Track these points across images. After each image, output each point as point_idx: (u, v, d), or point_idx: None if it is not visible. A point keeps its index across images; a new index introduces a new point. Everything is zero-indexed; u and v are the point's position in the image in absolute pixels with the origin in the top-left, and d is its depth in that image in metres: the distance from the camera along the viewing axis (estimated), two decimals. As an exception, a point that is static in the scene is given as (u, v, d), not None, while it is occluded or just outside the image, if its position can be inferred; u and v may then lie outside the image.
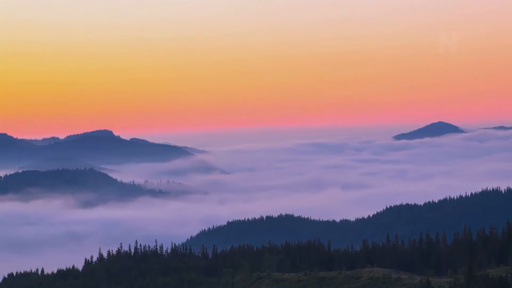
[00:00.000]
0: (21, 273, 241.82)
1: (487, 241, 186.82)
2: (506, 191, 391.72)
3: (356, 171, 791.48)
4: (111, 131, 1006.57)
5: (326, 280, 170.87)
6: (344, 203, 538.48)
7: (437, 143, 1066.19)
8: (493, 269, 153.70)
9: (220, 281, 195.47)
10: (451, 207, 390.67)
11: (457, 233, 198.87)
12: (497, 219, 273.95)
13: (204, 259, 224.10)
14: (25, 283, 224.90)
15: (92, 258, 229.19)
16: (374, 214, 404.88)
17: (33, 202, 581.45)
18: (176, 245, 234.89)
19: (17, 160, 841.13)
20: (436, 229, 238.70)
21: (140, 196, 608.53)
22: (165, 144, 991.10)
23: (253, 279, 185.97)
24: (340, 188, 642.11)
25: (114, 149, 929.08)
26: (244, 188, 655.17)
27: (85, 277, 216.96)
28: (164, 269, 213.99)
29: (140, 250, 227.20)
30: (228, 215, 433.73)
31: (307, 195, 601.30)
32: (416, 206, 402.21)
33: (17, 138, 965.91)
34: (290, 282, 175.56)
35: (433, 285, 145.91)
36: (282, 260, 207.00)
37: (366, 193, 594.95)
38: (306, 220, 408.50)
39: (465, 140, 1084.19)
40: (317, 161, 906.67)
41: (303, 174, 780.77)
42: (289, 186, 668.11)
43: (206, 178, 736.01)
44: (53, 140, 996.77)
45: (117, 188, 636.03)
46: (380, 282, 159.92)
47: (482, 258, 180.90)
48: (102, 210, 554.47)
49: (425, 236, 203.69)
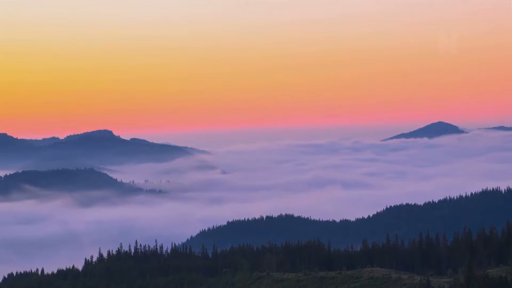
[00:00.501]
0: (21, 273, 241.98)
1: (487, 241, 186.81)
2: (506, 191, 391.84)
3: (356, 171, 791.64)
4: (111, 131, 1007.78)
5: (326, 280, 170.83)
6: (344, 203, 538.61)
7: (437, 143, 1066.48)
8: (493, 269, 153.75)
9: (220, 281, 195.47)
10: (451, 207, 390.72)
11: (457, 233, 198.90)
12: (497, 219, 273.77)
13: (204, 259, 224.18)
14: (25, 283, 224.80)
15: (92, 258, 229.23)
16: (374, 214, 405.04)
17: (33, 202, 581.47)
18: (176, 245, 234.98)
19: (17, 160, 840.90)
20: (436, 229, 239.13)
21: (140, 196, 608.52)
22: (165, 144, 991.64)
23: (253, 279, 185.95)
24: (340, 188, 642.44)
25: (114, 149, 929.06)
26: (244, 188, 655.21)
27: (85, 277, 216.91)
28: (164, 269, 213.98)
29: (140, 250, 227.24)
30: (228, 215, 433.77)
31: (307, 195, 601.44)
32: (416, 206, 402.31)
33: (17, 138, 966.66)
34: (290, 282, 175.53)
35: (433, 285, 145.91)
36: (282, 260, 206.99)
37: (366, 193, 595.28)
38: (306, 220, 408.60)
39: (465, 140, 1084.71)
40: (317, 161, 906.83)
41: (303, 174, 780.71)
42: (289, 186, 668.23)
43: (206, 178, 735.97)
44: (53, 140, 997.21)
45: (117, 188, 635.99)
46: (380, 282, 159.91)
47: (482, 258, 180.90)
48: (102, 210, 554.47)
49: (425, 236, 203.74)
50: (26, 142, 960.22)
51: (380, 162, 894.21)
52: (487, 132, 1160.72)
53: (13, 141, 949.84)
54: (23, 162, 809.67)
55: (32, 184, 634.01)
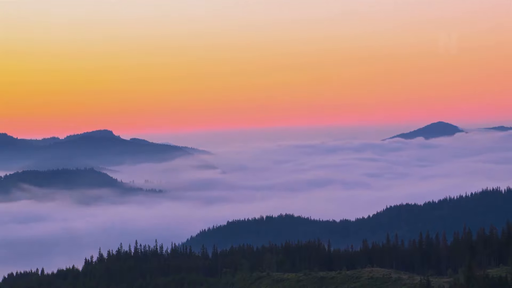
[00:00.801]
0: (21, 273, 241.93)
1: (487, 241, 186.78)
2: (506, 191, 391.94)
3: (356, 171, 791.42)
4: (111, 131, 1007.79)
5: (326, 280, 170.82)
6: (344, 203, 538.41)
7: (437, 143, 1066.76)
8: (493, 269, 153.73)
9: (220, 281, 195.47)
10: (451, 207, 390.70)
11: (457, 233, 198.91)
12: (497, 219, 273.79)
13: (204, 259, 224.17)
14: (25, 283, 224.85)
15: (92, 258, 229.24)
16: (374, 214, 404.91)
17: (33, 202, 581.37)
18: (176, 245, 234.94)
19: (17, 160, 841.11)
20: (436, 229, 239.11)
21: (140, 196, 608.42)
22: (165, 144, 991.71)
23: (253, 279, 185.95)
24: (340, 188, 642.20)
25: (114, 149, 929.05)
26: (244, 188, 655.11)
27: (85, 277, 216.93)
28: (164, 269, 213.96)
29: (140, 250, 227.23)
30: (228, 215, 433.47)
31: (307, 195, 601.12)
32: (416, 206, 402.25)
33: (17, 138, 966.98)
34: (290, 282, 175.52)
35: (433, 285, 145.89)
36: (282, 260, 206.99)
37: (366, 193, 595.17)
38: (306, 220, 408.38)
39: (464, 140, 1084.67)
40: (317, 161, 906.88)
41: (303, 174, 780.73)
42: (289, 186, 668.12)
43: (206, 178, 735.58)
44: (53, 140, 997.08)
45: (117, 188, 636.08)
46: (380, 282, 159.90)
47: (482, 258, 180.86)
48: (102, 210, 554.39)
49: (425, 236, 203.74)
50: (26, 142, 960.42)
51: (380, 162, 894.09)
52: (487, 132, 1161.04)
53: (13, 141, 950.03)
54: (23, 162, 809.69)
55: (32, 184, 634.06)
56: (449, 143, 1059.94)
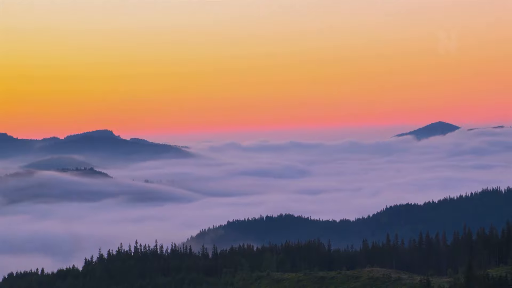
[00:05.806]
0: (21, 273, 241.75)
1: (487, 241, 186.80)
2: (506, 191, 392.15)
3: (356, 171, 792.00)
4: (111, 131, 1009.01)
5: (326, 280, 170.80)
6: (344, 203, 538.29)
7: (437, 142, 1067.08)
8: (493, 269, 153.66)
9: (220, 281, 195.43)
10: (451, 207, 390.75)
11: (457, 233, 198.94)
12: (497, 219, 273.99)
13: (204, 259, 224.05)
14: (25, 283, 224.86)
15: (92, 258, 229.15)
16: (374, 214, 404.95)
17: (33, 202, 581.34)
18: (176, 245, 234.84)
19: (17, 160, 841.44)
20: (436, 229, 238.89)
21: (140, 196, 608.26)
22: (165, 144, 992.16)
23: (253, 279, 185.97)
24: (339, 188, 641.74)
25: (114, 149, 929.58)
26: (244, 188, 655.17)
27: (85, 277, 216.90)
28: (164, 269, 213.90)
29: (140, 250, 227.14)
30: (228, 215, 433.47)
31: (307, 194, 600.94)
32: (416, 206, 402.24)
33: (17, 138, 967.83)
34: (290, 282, 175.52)
35: (433, 285, 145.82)
36: (282, 260, 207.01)
37: (366, 193, 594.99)
38: (306, 220, 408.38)
39: (465, 139, 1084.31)
40: (317, 162, 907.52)
41: (303, 174, 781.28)
42: (288, 186, 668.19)
43: (206, 178, 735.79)
44: (53, 140, 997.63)
45: (117, 188, 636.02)
46: (380, 282, 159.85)
47: (482, 258, 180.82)
48: (102, 209, 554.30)
49: (425, 236, 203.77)
50: (26, 142, 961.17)
51: (380, 162, 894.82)
52: (487, 131, 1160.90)
53: (13, 141, 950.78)
54: (23, 162, 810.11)
55: (32, 184, 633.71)
56: (449, 142, 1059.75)
